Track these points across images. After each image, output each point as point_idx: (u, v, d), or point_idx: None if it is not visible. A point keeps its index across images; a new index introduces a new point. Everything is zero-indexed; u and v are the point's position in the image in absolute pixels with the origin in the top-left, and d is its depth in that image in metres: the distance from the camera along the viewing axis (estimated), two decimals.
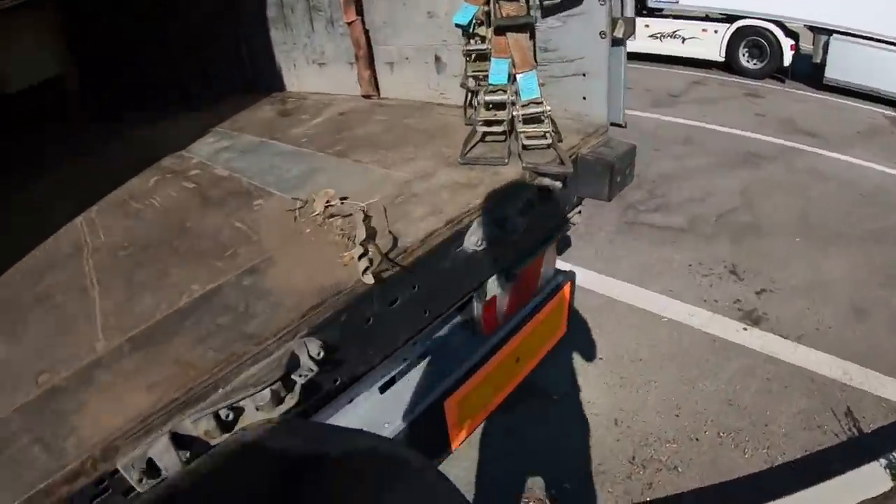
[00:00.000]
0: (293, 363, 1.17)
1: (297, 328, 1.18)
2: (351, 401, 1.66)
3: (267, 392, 1.12)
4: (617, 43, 1.75)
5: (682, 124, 6.87)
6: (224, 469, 0.60)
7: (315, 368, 1.17)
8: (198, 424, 1.09)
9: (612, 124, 1.90)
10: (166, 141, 2.41)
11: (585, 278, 3.83)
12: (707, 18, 9.98)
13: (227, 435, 1.12)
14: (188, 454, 1.08)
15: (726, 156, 5.89)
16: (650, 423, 2.76)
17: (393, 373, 1.82)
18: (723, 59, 9.77)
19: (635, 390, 2.95)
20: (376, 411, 1.73)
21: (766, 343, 3.23)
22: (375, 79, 2.51)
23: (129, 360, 1.15)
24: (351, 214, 1.43)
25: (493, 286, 1.69)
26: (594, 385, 3.00)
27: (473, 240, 1.48)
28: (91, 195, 1.94)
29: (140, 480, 1.00)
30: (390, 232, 1.39)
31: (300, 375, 1.16)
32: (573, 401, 2.90)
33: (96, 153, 2.48)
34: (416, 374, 1.86)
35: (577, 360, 3.11)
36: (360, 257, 1.26)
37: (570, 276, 2.20)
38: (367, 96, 2.54)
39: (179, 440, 1.06)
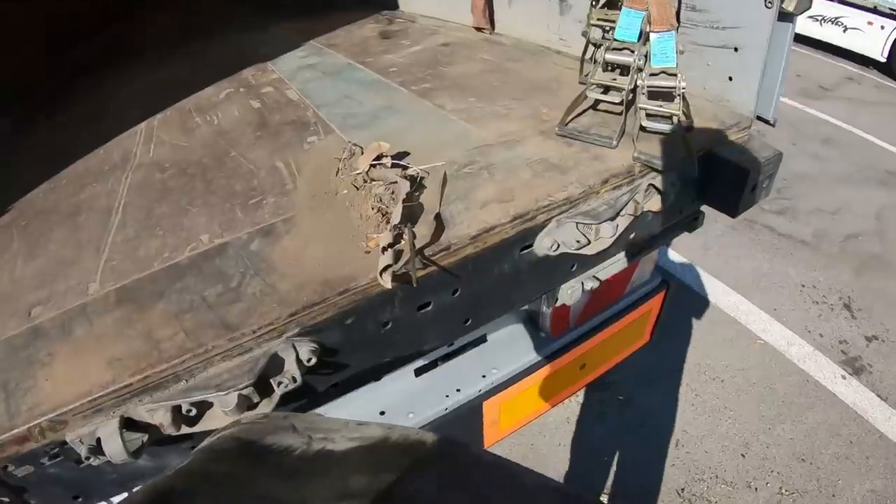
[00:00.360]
0: (273, 367, 0.87)
1: (283, 327, 0.86)
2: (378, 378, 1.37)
3: (233, 396, 0.84)
4: (785, 17, 1.17)
5: (827, 122, 5.42)
6: (219, 469, 0.51)
7: (299, 379, 0.87)
8: (153, 414, 0.86)
9: (759, 118, 1.30)
10: (260, 48, 2.13)
11: (688, 274, 3.19)
12: (875, 10, 7.69)
13: (186, 428, 0.89)
14: (144, 439, 0.87)
15: (868, 169, 4.54)
16: (712, 455, 2.25)
17: (435, 356, 1.50)
18: (884, 60, 7.53)
19: (707, 414, 2.41)
20: (403, 396, 1.44)
21: (860, 400, 2.50)
22: (490, 10, 1.98)
23: (107, 318, 0.94)
24: (396, 182, 1.04)
25: (565, 294, 1.25)
26: (665, 396, 2.50)
27: (547, 243, 1.04)
28: (165, 99, 1.73)
29: (88, 457, 0.83)
30: (438, 216, 1.00)
31: (279, 383, 0.87)
32: (638, 407, 2.44)
33: (192, 52, 2.27)
34: (461, 363, 1.52)
35: (654, 362, 2.58)
36: (386, 248, 0.89)
37: (666, 283, 1.68)
38: (478, 29, 2.04)
39: (133, 424, 0.85)
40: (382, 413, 1.38)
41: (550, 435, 2.27)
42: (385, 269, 0.87)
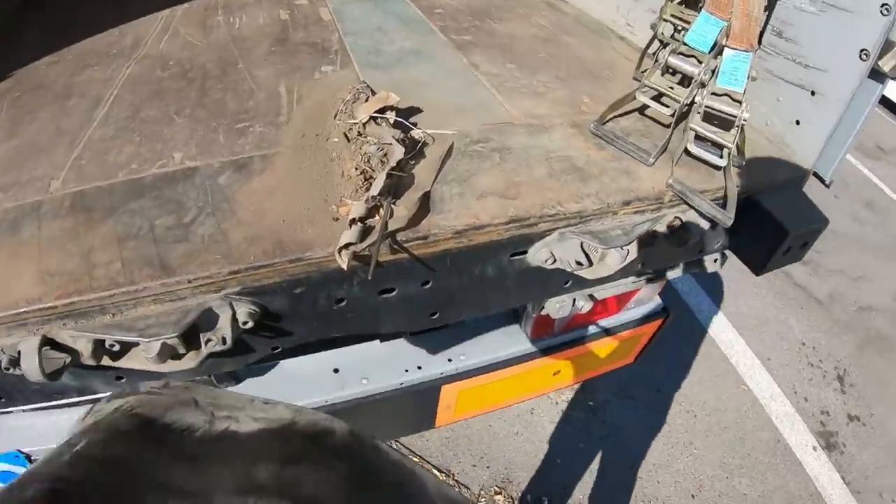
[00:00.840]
0: (205, 322, 0.77)
1: (222, 283, 0.75)
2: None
3: (156, 345, 0.75)
4: (877, 76, 0.97)
5: (876, 185, 4.84)
6: (118, 454, 0.46)
7: (229, 341, 0.77)
8: (76, 340, 0.78)
9: (814, 174, 1.11)
10: None
11: (693, 296, 2.98)
12: None
13: (108, 360, 0.81)
14: (66, 360, 0.79)
15: None
16: (663, 487, 2.15)
17: None
18: None
19: (671, 445, 2.29)
20: (362, 359, 1.34)
21: (823, 476, 2.32)
22: None
23: (56, 224, 0.85)
24: (390, 144, 0.88)
25: (552, 307, 1.11)
26: (635, 414, 2.37)
27: (542, 256, 0.89)
28: None
29: (8, 368, 0.76)
30: (426, 196, 0.85)
31: (207, 341, 0.77)
32: (606, 417, 2.32)
33: None
34: (429, 339, 1.41)
35: (635, 376, 2.42)
36: (355, 222, 0.76)
37: (667, 311, 1.52)
38: None
39: (56, 345, 0.78)
40: (336, 371, 1.30)
41: (511, 421, 2.21)
42: (346, 246, 0.74)
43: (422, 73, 1.20)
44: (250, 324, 0.77)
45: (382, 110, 0.96)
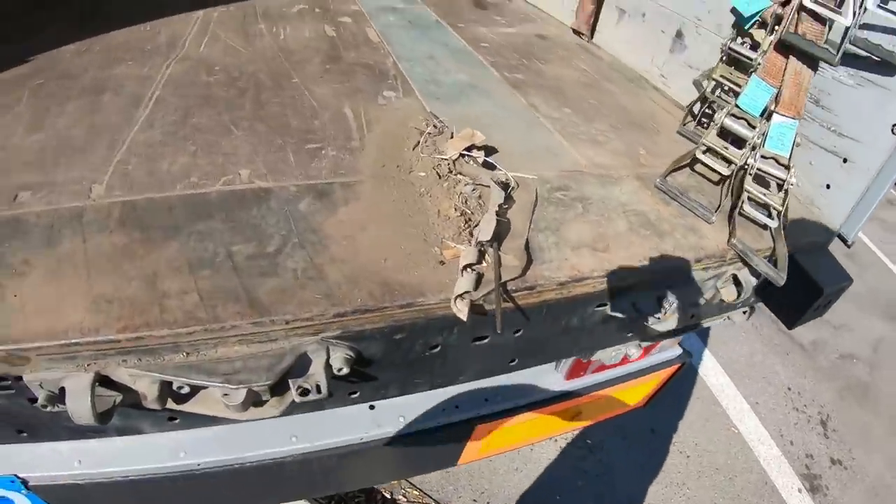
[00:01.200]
0: (297, 367, 0.67)
1: (323, 326, 0.66)
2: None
3: (241, 392, 0.65)
4: None
5: (858, 238, 5.12)
6: None
7: (324, 390, 0.68)
8: (137, 380, 0.65)
9: (838, 236, 1.17)
10: None
11: (686, 342, 2.99)
12: None
13: (172, 404, 0.69)
14: (117, 400, 0.67)
15: (882, 297, 4.36)
16: None
17: None
18: None
19: (665, 485, 2.31)
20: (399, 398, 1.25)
21: None
22: (596, 19, 1.74)
23: (105, 238, 0.74)
24: (488, 186, 0.83)
25: (607, 355, 1.09)
26: (631, 454, 2.38)
27: (625, 306, 0.86)
28: None
29: (45, 406, 0.64)
30: (527, 245, 0.80)
31: (299, 388, 0.67)
32: (603, 457, 2.31)
33: None
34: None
35: (632, 417, 2.34)
36: (466, 269, 0.70)
37: (683, 359, 1.54)
38: (576, 32, 1.80)
39: (108, 382, 0.66)
40: (372, 407, 1.20)
41: (511, 457, 2.15)
42: (462, 296, 0.68)
43: (485, 110, 1.16)
44: (345, 370, 0.69)
45: (469, 148, 0.92)
